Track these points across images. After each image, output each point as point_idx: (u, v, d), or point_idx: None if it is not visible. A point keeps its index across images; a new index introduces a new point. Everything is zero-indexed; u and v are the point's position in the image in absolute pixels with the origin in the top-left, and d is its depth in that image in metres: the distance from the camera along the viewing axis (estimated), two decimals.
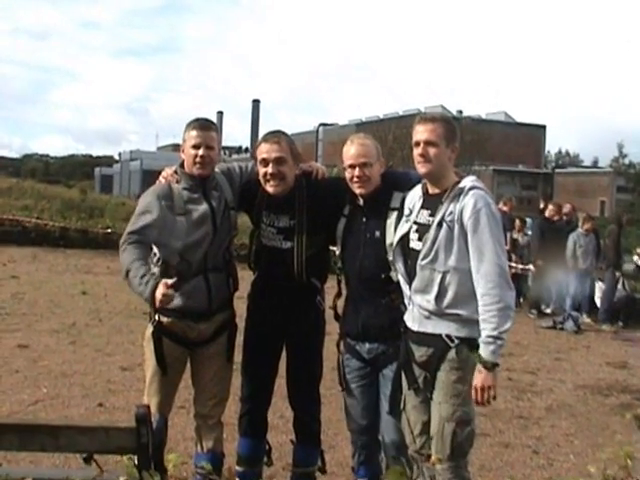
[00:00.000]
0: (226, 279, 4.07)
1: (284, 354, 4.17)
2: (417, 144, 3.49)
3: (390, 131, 36.85)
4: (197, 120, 4.00)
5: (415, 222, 3.55)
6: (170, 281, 3.53)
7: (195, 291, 3.92)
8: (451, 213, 3.39)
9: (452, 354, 3.40)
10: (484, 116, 64.38)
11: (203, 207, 3.95)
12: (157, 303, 3.50)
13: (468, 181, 3.46)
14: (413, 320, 3.53)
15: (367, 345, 3.82)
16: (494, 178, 57.17)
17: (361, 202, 3.85)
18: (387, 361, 3.76)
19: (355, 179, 3.77)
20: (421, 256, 3.45)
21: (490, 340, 3.27)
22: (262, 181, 3.97)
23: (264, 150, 3.93)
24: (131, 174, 74.83)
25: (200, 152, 3.90)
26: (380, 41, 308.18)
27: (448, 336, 3.41)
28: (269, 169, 3.91)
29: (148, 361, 4.02)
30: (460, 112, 59.58)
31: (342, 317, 3.98)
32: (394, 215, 3.74)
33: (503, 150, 59.55)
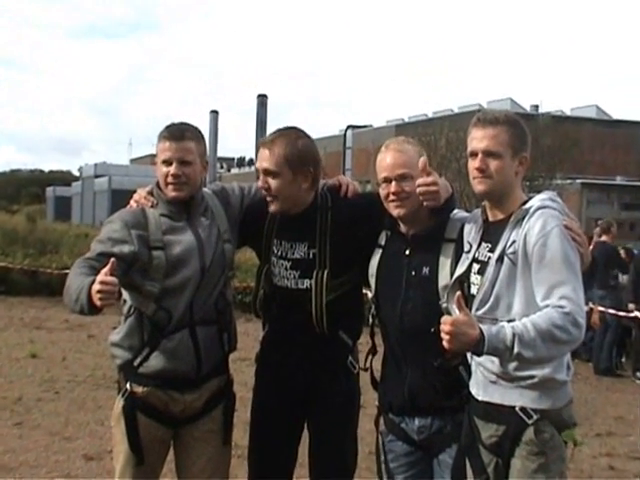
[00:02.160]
0: (219, 335, 4.10)
1: (305, 435, 4.18)
2: (473, 154, 3.51)
3: (442, 134, 36.91)
4: (168, 128, 4.05)
5: (475, 260, 3.56)
6: (109, 265, 3.51)
7: (178, 351, 3.95)
8: (513, 243, 3.39)
9: (530, 434, 3.37)
10: (569, 112, 64.40)
11: (187, 239, 3.99)
12: (96, 301, 3.48)
13: (537, 200, 3.46)
14: (477, 386, 3.53)
15: (417, 421, 3.81)
16: (583, 195, 56.94)
17: (403, 228, 3.87)
18: (444, 443, 3.75)
19: (391, 197, 3.77)
20: (476, 304, 3.45)
21: (505, 342, 3.13)
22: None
23: (259, 156, 4.03)
24: (96, 195, 75.19)
25: (172, 170, 3.96)
26: (425, 21, 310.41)
27: (523, 409, 3.39)
28: (260, 181, 4.00)
29: (118, 446, 4.03)
30: (536, 107, 59.69)
31: (381, 383, 3.99)
32: (451, 248, 3.75)
33: (595, 157, 59.37)
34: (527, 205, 3.44)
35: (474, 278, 3.53)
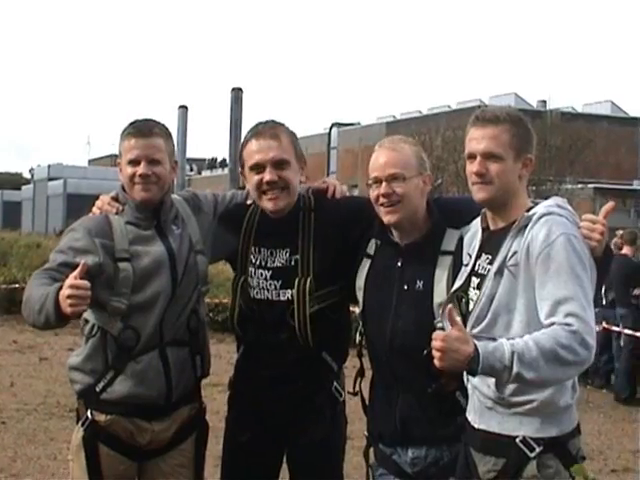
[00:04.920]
0: (191, 357, 4.10)
1: (284, 472, 4.17)
2: (472, 157, 3.52)
3: (438, 133, 37.02)
4: (133, 124, 4.07)
5: (474, 272, 3.56)
6: (78, 268, 3.55)
7: (147, 375, 3.95)
8: (514, 254, 3.38)
9: (532, 469, 3.35)
10: (580, 108, 64.53)
11: (157, 249, 4.00)
12: (66, 308, 3.50)
13: (542, 206, 3.46)
14: (474, 412, 3.53)
15: (410, 452, 3.80)
16: (596, 201, 56.76)
17: (396, 237, 3.87)
18: (441, 476, 3.73)
19: (381, 199, 3.77)
20: (472, 321, 3.45)
21: (503, 360, 3.08)
22: (256, 196, 4.03)
23: (255, 149, 4.00)
24: (49, 200, 74.90)
25: (140, 169, 3.96)
26: (419, 9, 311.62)
27: (524, 441, 3.37)
28: (266, 175, 3.96)
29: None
30: (543, 103, 59.76)
31: (369, 410, 3.99)
32: (448, 261, 3.76)
33: (610, 159, 59.43)
34: (531, 212, 3.43)
35: (473, 293, 3.53)
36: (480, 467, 3.48)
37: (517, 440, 3.38)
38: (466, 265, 3.61)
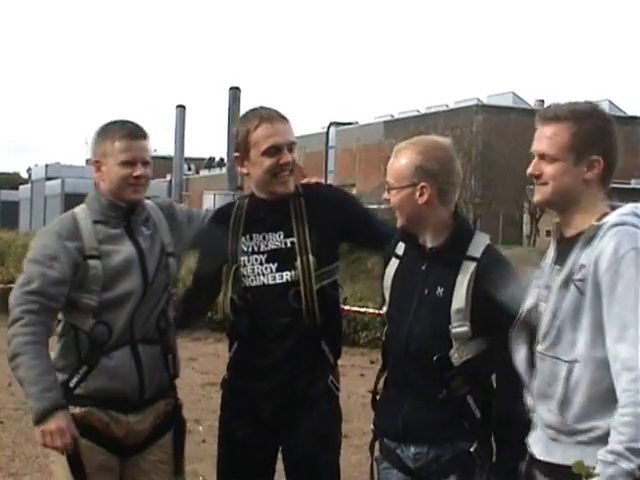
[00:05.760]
0: (163, 355, 4.14)
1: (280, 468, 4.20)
2: (533, 157, 3.34)
3: (436, 132, 37.05)
4: (123, 125, 4.13)
5: (545, 285, 3.33)
6: (76, 432, 3.79)
7: (120, 370, 3.99)
8: (582, 267, 3.12)
9: None
10: None
11: (127, 249, 4.05)
12: (46, 436, 3.72)
13: (616, 214, 3.16)
14: (538, 444, 3.33)
15: (412, 449, 3.80)
16: None
17: (422, 240, 3.86)
18: (441, 473, 3.74)
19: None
20: (540, 337, 3.23)
21: (611, 458, 2.93)
22: (266, 180, 4.06)
23: (271, 132, 4.03)
24: (47, 200, 74.71)
25: (138, 171, 4.04)
26: (417, 7, 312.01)
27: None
28: (284, 157, 4.02)
29: (60, 479, 4.06)
30: (541, 102, 59.83)
31: (378, 406, 4.00)
32: (471, 267, 3.72)
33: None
34: (601, 221, 3.14)
35: (542, 306, 3.30)
36: None
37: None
38: (537, 279, 3.40)
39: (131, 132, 4.07)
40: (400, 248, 3.96)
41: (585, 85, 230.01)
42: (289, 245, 4.04)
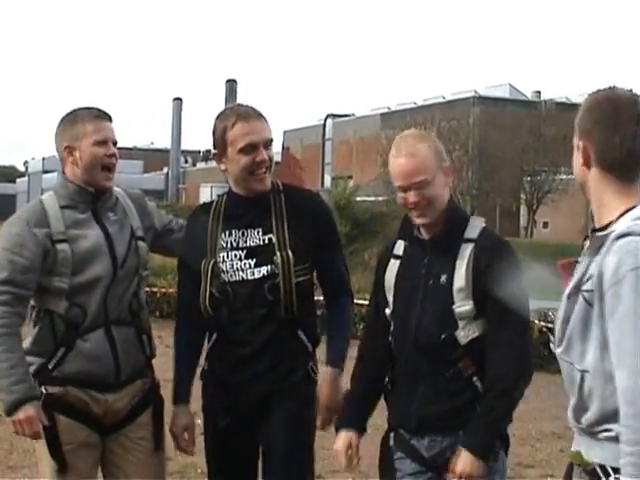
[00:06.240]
0: (138, 336, 4.18)
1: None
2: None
3: (433, 124, 37.12)
4: (90, 109, 4.20)
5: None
6: (45, 419, 3.87)
7: (95, 352, 4.03)
8: (590, 278, 2.95)
9: None
10: (575, 99, 64.31)
11: (94, 233, 4.09)
12: (17, 425, 3.81)
13: (625, 221, 2.92)
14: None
15: (427, 439, 3.82)
16: None
17: (424, 234, 3.86)
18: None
19: (410, 206, 3.78)
20: (555, 341, 3.15)
21: None
22: (243, 177, 4.07)
23: (247, 130, 4.04)
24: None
25: (111, 150, 4.13)
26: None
27: (602, 467, 3.08)
28: (260, 155, 4.02)
29: (43, 462, 4.10)
30: (538, 93, 59.85)
31: (390, 401, 4.00)
32: (469, 249, 3.75)
33: None
34: (609, 229, 2.93)
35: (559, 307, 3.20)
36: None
37: (596, 466, 3.10)
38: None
39: (100, 114, 4.15)
40: (399, 248, 3.96)
41: (582, 76, 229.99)
42: (267, 242, 4.06)
